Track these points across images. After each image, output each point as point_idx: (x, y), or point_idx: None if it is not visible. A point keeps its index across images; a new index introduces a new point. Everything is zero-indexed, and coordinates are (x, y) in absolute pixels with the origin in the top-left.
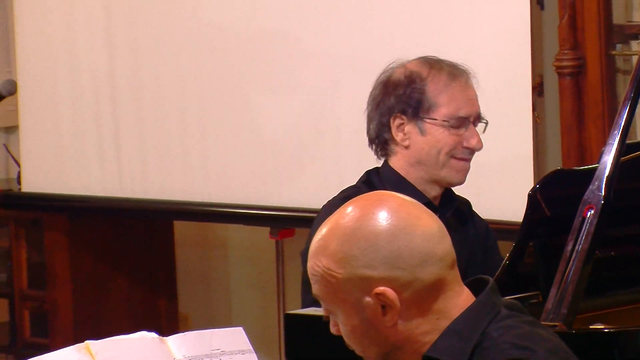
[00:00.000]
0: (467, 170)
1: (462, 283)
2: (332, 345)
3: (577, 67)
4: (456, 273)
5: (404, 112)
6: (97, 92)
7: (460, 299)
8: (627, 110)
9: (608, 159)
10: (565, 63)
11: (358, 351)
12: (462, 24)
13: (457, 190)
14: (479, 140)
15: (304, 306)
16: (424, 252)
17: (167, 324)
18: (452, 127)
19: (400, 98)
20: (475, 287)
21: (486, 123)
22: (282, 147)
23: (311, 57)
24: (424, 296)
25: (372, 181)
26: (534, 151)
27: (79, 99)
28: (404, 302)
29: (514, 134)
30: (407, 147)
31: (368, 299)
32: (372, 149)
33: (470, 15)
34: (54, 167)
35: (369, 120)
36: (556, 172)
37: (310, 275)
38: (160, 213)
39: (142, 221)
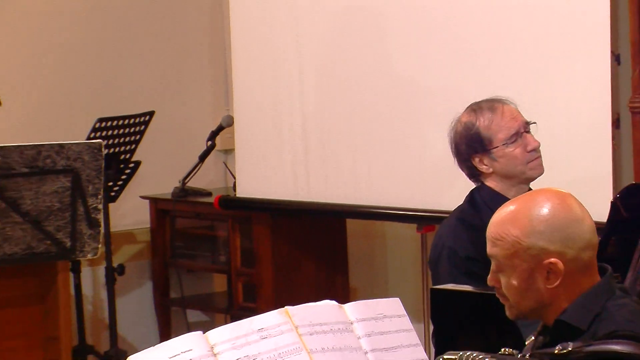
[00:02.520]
0: (541, 162)
1: None
2: (466, 312)
3: None
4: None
5: (476, 152)
6: (292, 123)
7: (594, 279)
8: None
9: None
10: (636, 104)
11: (512, 301)
12: (561, 77)
13: None
14: (534, 140)
15: None
16: (587, 239)
17: (341, 295)
18: (512, 143)
19: (468, 144)
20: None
21: (535, 123)
22: (427, 164)
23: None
24: (578, 272)
25: (475, 199)
26: (613, 170)
27: (279, 129)
28: (565, 273)
29: (597, 157)
30: (492, 173)
31: (540, 266)
32: (472, 181)
33: (567, 70)
34: (260, 178)
35: (461, 168)
36: (631, 186)
37: (494, 240)
38: (337, 213)
39: (324, 218)
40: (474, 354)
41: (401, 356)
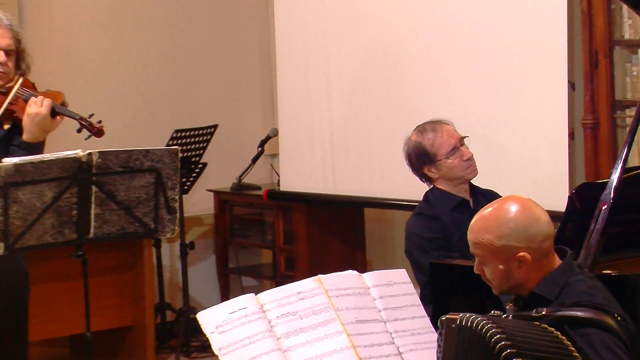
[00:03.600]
0: (475, 167)
1: None
2: (458, 281)
3: (594, 124)
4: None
5: (425, 163)
6: (323, 136)
7: (554, 259)
8: (625, 148)
9: (614, 176)
10: (588, 121)
11: (495, 283)
12: (530, 100)
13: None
14: (468, 151)
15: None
16: (545, 232)
17: (360, 266)
18: (452, 155)
19: (417, 158)
20: (558, 252)
21: (467, 137)
22: None
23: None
24: (542, 258)
25: (428, 198)
26: (569, 172)
27: (312, 140)
28: (533, 261)
29: (557, 162)
30: (439, 177)
31: (512, 259)
32: (425, 183)
33: (534, 95)
34: (298, 176)
35: (414, 174)
36: (583, 184)
37: (474, 243)
38: (357, 203)
39: (347, 207)
40: (472, 316)
41: (406, 313)
